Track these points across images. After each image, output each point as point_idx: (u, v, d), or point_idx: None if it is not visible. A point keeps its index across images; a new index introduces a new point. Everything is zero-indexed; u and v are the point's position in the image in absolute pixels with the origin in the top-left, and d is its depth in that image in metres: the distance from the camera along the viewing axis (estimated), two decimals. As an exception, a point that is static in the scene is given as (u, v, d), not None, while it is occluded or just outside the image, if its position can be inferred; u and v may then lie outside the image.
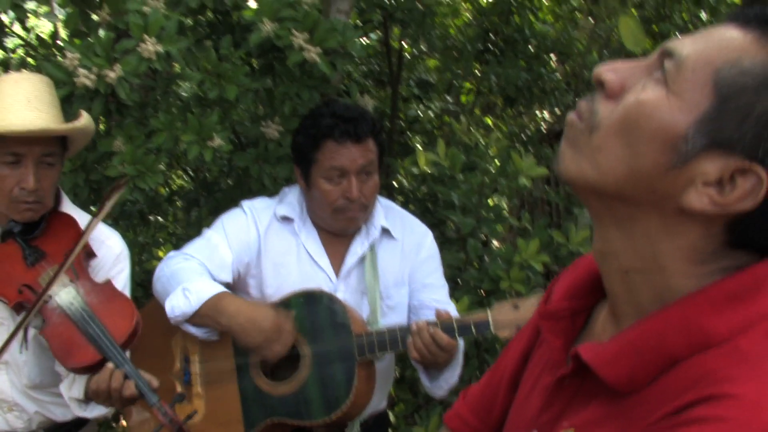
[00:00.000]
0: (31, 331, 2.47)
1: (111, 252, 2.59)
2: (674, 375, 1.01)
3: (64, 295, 2.35)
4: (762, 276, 1.03)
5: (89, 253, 2.50)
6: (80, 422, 2.71)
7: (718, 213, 1.00)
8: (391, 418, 3.88)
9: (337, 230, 2.73)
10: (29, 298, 2.37)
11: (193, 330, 2.57)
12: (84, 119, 2.47)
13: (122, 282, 2.58)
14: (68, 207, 2.62)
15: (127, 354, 2.35)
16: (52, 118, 2.41)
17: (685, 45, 1.03)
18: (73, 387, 2.45)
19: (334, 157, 2.60)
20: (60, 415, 2.62)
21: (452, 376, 2.66)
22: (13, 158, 2.35)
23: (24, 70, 3.30)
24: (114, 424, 4.24)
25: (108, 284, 2.47)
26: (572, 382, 1.16)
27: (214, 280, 2.62)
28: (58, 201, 2.60)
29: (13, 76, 2.49)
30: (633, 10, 5.06)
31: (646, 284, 1.08)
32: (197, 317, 2.51)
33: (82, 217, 2.58)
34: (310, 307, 2.60)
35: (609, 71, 1.07)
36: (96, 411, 2.49)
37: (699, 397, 0.95)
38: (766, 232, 1.01)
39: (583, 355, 1.09)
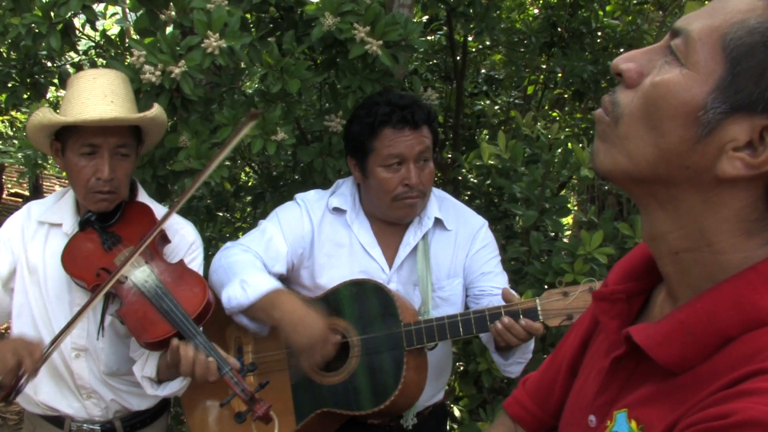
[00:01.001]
0: (108, 319, 2.56)
1: (185, 240, 2.67)
2: (727, 352, 1.01)
3: (139, 274, 2.44)
4: None
5: (164, 238, 2.58)
6: (155, 414, 2.80)
7: (755, 175, 0.99)
8: (456, 412, 3.87)
9: (396, 219, 2.74)
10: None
11: (245, 322, 2.59)
12: (155, 109, 2.54)
13: (196, 268, 2.64)
14: (144, 198, 2.71)
15: (201, 329, 2.42)
16: (125, 110, 2.49)
17: (690, 20, 1.04)
18: (146, 366, 2.53)
19: (393, 144, 2.62)
20: (135, 404, 2.70)
21: (527, 349, 2.66)
22: (89, 149, 2.45)
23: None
24: (184, 419, 4.30)
25: (181, 263, 2.55)
26: (627, 364, 1.17)
27: (269, 271, 2.66)
28: (134, 192, 2.70)
29: (91, 72, 2.58)
30: (703, -1, 4.97)
31: (697, 263, 1.08)
32: (252, 310, 2.53)
33: (157, 208, 2.68)
34: (360, 296, 2.61)
35: (625, 61, 1.09)
36: (168, 389, 2.56)
37: (754, 370, 0.95)
38: None
39: (634, 336, 1.10)
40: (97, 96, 2.46)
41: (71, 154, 2.48)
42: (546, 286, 3.25)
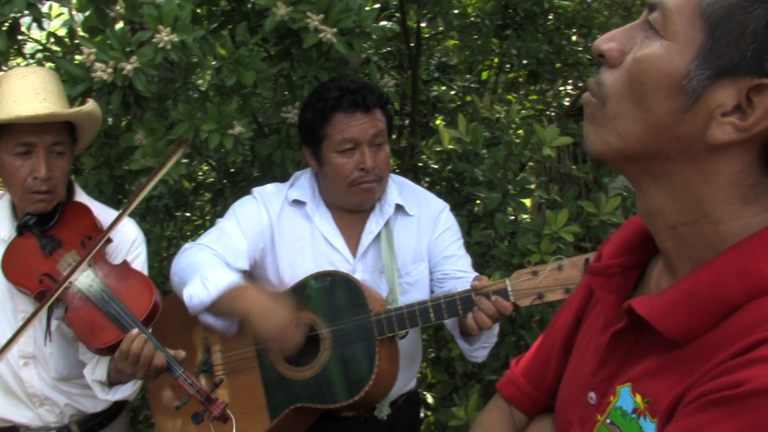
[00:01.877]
0: (54, 323, 2.50)
1: (126, 238, 2.60)
2: (733, 321, 1.01)
3: (83, 279, 2.39)
4: None
5: (106, 239, 2.51)
6: (112, 415, 2.74)
7: (746, 138, 0.99)
8: (429, 399, 3.86)
9: (355, 206, 2.71)
10: (50, 286, 2.41)
11: (210, 321, 2.54)
12: (91, 104, 2.50)
13: (139, 266, 2.60)
14: (82, 197, 2.65)
15: (150, 330, 2.38)
16: (59, 107, 2.44)
17: None
18: (96, 370, 2.48)
19: (345, 129, 2.60)
20: (90, 407, 2.64)
21: (492, 334, 2.64)
22: (24, 148, 2.40)
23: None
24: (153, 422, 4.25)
25: (124, 264, 2.50)
26: (627, 338, 1.16)
27: (231, 268, 2.61)
28: (71, 192, 2.63)
29: (21, 71, 2.52)
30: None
31: (696, 235, 1.07)
32: (216, 306, 2.48)
33: (95, 206, 2.62)
34: (327, 289, 2.58)
35: (606, 41, 1.09)
36: (119, 393, 2.52)
37: (763, 338, 0.95)
38: None
39: (637, 308, 1.08)
40: (29, 94, 2.41)
41: (5, 154, 2.42)
42: (512, 268, 3.25)
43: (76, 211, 2.54)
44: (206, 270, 2.52)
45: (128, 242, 2.61)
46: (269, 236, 2.71)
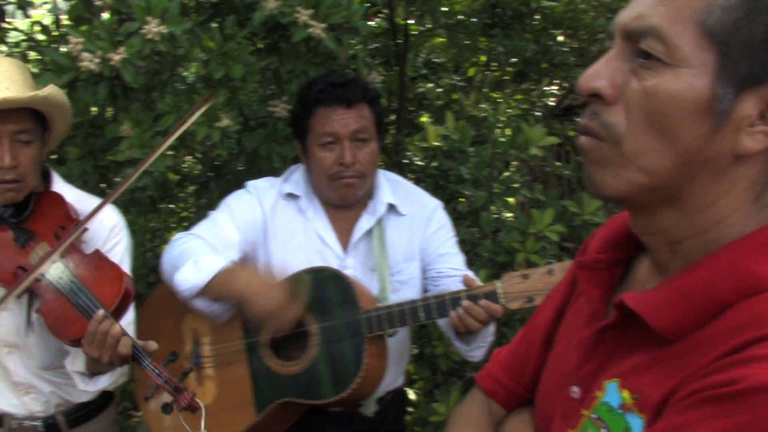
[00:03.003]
0: (34, 315, 2.48)
1: (103, 225, 2.57)
2: (724, 319, 1.01)
3: (53, 270, 2.36)
4: None
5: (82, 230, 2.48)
6: (99, 406, 2.73)
7: None
8: (411, 395, 3.87)
9: (336, 200, 2.71)
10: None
11: (202, 306, 2.54)
12: (48, 88, 2.42)
13: (119, 253, 2.58)
14: (59, 185, 2.61)
15: (129, 318, 2.40)
16: (18, 93, 2.38)
17: (649, 17, 1.01)
18: (75, 360, 2.47)
19: (326, 122, 2.61)
20: (77, 396, 2.62)
21: (488, 333, 2.64)
22: None
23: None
24: (132, 413, 4.23)
25: (96, 254, 2.46)
26: (614, 333, 1.16)
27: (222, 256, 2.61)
28: (48, 182, 2.60)
29: None
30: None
31: (699, 245, 1.08)
32: (208, 289, 2.48)
33: (76, 195, 2.59)
34: (318, 284, 2.57)
35: (593, 79, 1.06)
36: (99, 384, 2.51)
37: (756, 337, 0.95)
38: None
39: (628, 303, 1.08)
40: None
41: None
42: (497, 266, 3.26)
43: (49, 201, 2.50)
44: (198, 254, 2.52)
45: (106, 229, 2.57)
46: (262, 230, 2.71)
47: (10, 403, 2.58)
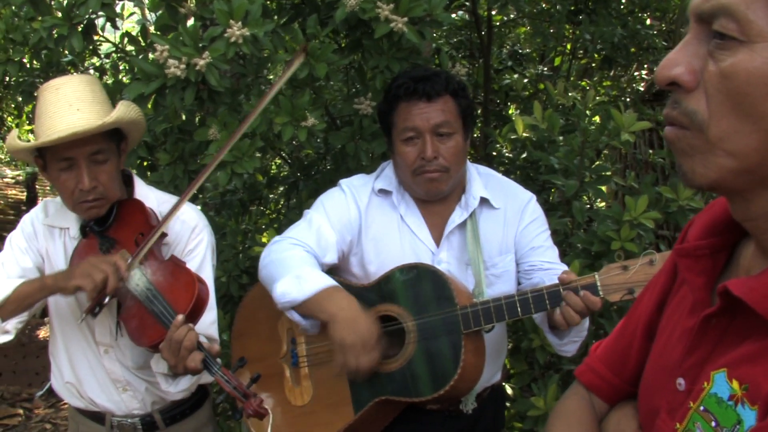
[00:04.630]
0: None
1: (186, 226, 2.63)
2: None
3: (131, 277, 2.42)
4: None
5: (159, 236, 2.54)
6: (194, 404, 2.81)
7: None
8: (508, 390, 3.82)
9: (423, 195, 2.68)
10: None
11: (296, 318, 2.53)
12: (116, 111, 2.49)
13: (201, 252, 2.64)
14: (141, 190, 2.69)
15: (212, 317, 2.47)
16: (94, 114, 2.45)
17: None
18: (159, 362, 2.52)
19: (407, 117, 2.59)
20: (172, 394, 2.66)
21: (583, 328, 2.57)
22: (66, 163, 2.45)
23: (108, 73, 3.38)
24: (231, 413, 4.28)
25: (171, 259, 2.52)
26: (719, 322, 1.11)
27: (321, 262, 2.62)
28: (131, 187, 2.68)
29: (55, 83, 2.53)
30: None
31: None
32: (304, 305, 2.47)
33: (157, 196, 2.68)
34: (413, 281, 2.54)
35: (669, 68, 1.03)
36: (181, 385, 2.58)
37: None
38: None
39: (734, 291, 1.04)
40: (62, 108, 2.44)
41: (52, 170, 2.49)
42: (591, 256, 3.19)
43: (130, 209, 2.58)
44: (300, 268, 2.52)
45: (188, 229, 2.64)
46: (357, 228, 2.70)
47: (111, 400, 2.68)
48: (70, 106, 2.44)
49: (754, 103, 0.96)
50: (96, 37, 3.31)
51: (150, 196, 2.65)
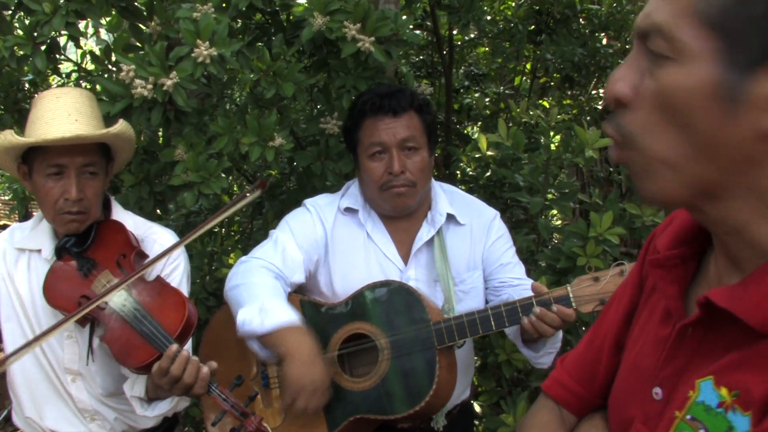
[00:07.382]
0: (96, 342, 2.51)
1: (163, 250, 2.58)
2: None
3: (117, 298, 2.39)
4: None
5: (140, 254, 2.51)
6: (165, 430, 2.73)
7: None
8: (477, 408, 3.82)
9: (391, 211, 2.69)
10: None
11: (255, 348, 2.51)
12: (120, 125, 2.49)
13: (178, 277, 2.59)
14: (119, 214, 2.65)
15: (188, 345, 2.39)
16: (90, 128, 2.44)
17: (653, 15, 0.99)
18: (135, 386, 2.48)
19: (373, 133, 2.61)
20: (141, 422, 2.64)
21: (557, 339, 2.61)
22: (55, 170, 2.41)
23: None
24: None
25: (158, 280, 2.49)
26: (696, 331, 1.11)
27: (289, 282, 2.60)
28: (109, 210, 2.64)
29: (55, 92, 2.53)
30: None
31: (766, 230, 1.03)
32: (264, 337, 2.45)
33: (134, 220, 2.65)
34: (384, 298, 2.54)
35: (615, 83, 1.04)
36: (157, 409, 2.53)
37: None
38: None
39: (718, 301, 1.04)
40: (60, 115, 2.42)
41: (38, 176, 2.44)
42: (558, 272, 3.22)
43: (110, 229, 2.55)
44: (265, 298, 2.49)
45: None
46: (323, 247, 2.70)
47: (78, 430, 2.61)
48: (69, 115, 2.42)
49: (686, 117, 0.97)
50: (57, 56, 3.28)
51: (128, 220, 2.62)
